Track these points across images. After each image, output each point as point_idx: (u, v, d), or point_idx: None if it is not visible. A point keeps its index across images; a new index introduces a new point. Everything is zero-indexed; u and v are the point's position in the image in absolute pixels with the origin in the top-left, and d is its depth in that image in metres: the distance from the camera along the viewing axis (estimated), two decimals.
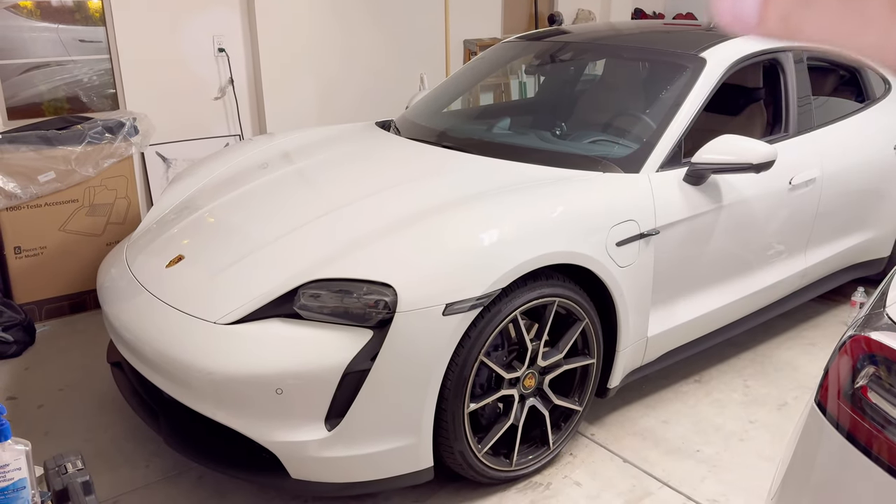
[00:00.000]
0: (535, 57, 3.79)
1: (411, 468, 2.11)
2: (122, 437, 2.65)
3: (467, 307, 2.04)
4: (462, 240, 2.14)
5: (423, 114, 3.45)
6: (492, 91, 5.46)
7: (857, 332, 1.00)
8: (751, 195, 2.80)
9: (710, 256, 2.73)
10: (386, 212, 2.35)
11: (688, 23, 4.04)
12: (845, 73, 3.72)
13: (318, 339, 2.00)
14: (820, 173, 3.07)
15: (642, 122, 2.82)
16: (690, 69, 2.85)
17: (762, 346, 3.32)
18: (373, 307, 1.99)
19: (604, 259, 2.35)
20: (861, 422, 0.98)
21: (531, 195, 2.36)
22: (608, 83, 3.49)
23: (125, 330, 2.31)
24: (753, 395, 2.92)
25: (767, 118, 3.31)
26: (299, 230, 2.36)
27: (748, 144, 2.54)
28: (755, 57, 3.04)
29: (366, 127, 3.43)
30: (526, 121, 3.45)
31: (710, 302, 2.81)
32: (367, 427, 2.02)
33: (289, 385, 1.97)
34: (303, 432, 2.00)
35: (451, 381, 2.08)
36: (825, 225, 3.21)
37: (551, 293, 2.27)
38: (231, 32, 4.49)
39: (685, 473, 2.44)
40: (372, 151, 3.04)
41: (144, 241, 2.70)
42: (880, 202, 3.49)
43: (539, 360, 2.33)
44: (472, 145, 2.93)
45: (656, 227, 2.49)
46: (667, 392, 2.94)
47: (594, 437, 2.63)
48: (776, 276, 3.06)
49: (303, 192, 2.68)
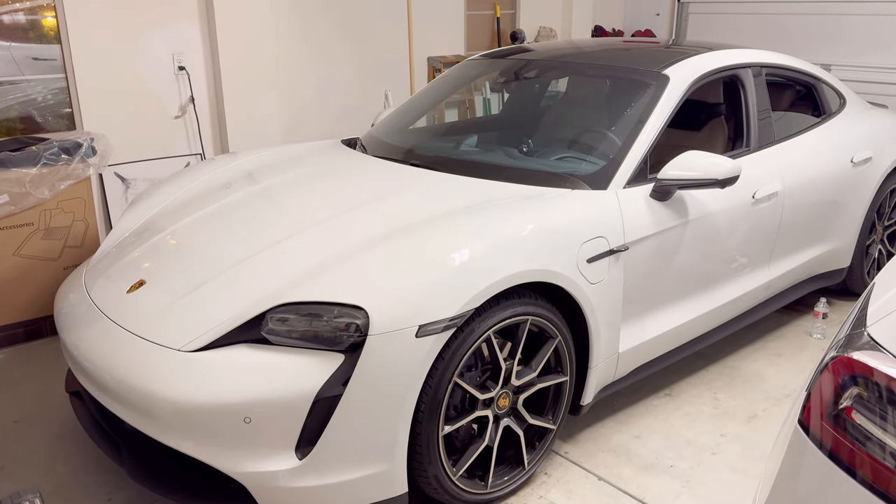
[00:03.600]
0: (499, 74, 3.81)
1: (385, 495, 2.06)
2: (83, 469, 2.55)
3: (441, 328, 2.01)
4: (434, 260, 2.11)
5: (389, 131, 3.43)
6: (457, 108, 5.47)
7: (839, 353, 1.00)
8: (716, 209, 2.83)
9: (677, 270, 2.75)
10: (355, 232, 2.32)
11: (647, 40, 4.11)
12: (802, 88, 3.81)
13: (287, 365, 1.95)
14: (781, 187, 3.13)
15: (608, 138, 2.84)
16: (654, 86, 2.88)
17: (730, 357, 3.36)
18: (344, 330, 1.95)
19: (575, 276, 2.34)
20: (844, 442, 0.98)
21: (501, 213, 2.35)
22: (573, 100, 3.52)
23: (84, 358, 2.22)
24: (723, 407, 2.94)
25: (729, 133, 3.37)
26: (265, 252, 2.31)
27: (713, 160, 2.57)
28: (716, 73, 3.10)
29: (331, 145, 3.39)
30: (493, 138, 3.45)
31: (679, 316, 2.83)
32: (340, 454, 1.96)
33: (257, 413, 1.91)
34: (272, 462, 1.94)
35: (424, 404, 2.05)
36: (787, 237, 3.27)
37: (524, 311, 2.26)
38: (191, 50, 4.42)
39: (660, 489, 2.44)
40: (338, 170, 3.00)
41: (104, 265, 2.62)
42: (840, 214, 3.57)
43: (513, 380, 2.31)
44: (439, 163, 2.92)
45: (625, 243, 2.50)
46: (638, 406, 2.94)
47: (568, 455, 2.62)
48: (741, 288, 3.11)
49: (268, 213, 2.63)
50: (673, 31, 6.77)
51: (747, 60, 3.29)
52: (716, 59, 3.14)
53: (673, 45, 3.51)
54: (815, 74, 3.73)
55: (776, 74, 3.51)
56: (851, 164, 3.54)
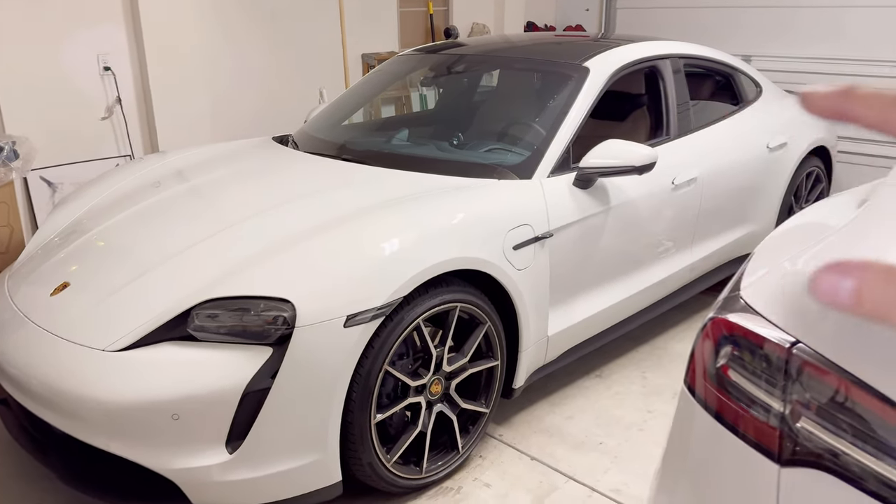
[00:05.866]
0: (431, 69, 3.85)
1: (319, 484, 2.09)
2: (11, 476, 2.49)
3: (369, 317, 2.05)
4: (362, 250, 2.15)
5: (321, 127, 3.44)
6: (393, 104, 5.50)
7: (716, 315, 1.08)
8: (637, 196, 2.94)
9: (602, 255, 2.85)
10: (283, 227, 2.33)
11: (576, 34, 4.22)
12: (720, 77, 3.98)
13: (215, 361, 1.96)
14: (700, 173, 3.27)
15: (533, 130, 2.92)
16: (575, 78, 2.98)
17: (658, 338, 3.49)
18: (271, 323, 1.97)
19: (502, 263, 2.41)
20: (726, 400, 1.06)
21: (428, 204, 2.40)
22: (502, 94, 3.59)
23: (9, 365, 2.18)
24: (651, 385, 3.06)
25: (651, 122, 3.50)
26: (192, 249, 2.30)
27: (630, 148, 2.67)
28: (636, 65, 3.21)
29: (262, 142, 3.39)
30: (425, 132, 3.50)
31: (605, 299, 2.93)
32: (271, 446, 1.98)
33: (186, 410, 1.92)
34: (203, 457, 1.95)
35: (356, 393, 2.08)
36: (708, 221, 3.42)
37: (453, 299, 2.31)
38: (117, 50, 4.33)
39: (589, 466, 2.53)
40: (269, 167, 3.00)
41: (27, 270, 2.56)
42: (758, 198, 3.74)
43: (444, 366, 2.36)
44: (371, 157, 2.95)
45: (550, 230, 2.58)
46: (570, 388, 3.04)
47: (502, 438, 2.69)
48: (666, 271, 3.23)
49: (197, 210, 2.62)
50: (602, 25, 6.95)
51: (666, 52, 3.42)
52: (635, 50, 3.26)
53: (601, 38, 3.61)
54: (731, 64, 3.90)
55: (695, 65, 3.66)
56: (768, 149, 3.72)
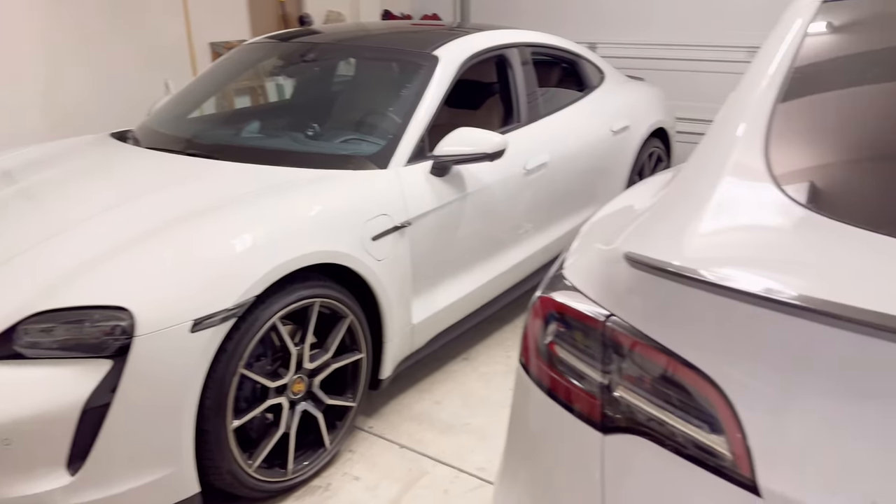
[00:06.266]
0: (281, 58, 3.74)
1: (176, 498, 1.99)
2: None
3: (219, 320, 1.97)
4: (208, 250, 2.05)
5: (165, 121, 3.25)
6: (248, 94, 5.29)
7: (542, 294, 1.12)
8: (492, 182, 3.02)
9: (461, 242, 2.90)
10: (121, 229, 2.18)
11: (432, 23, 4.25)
12: (566, 65, 4.15)
13: (47, 379, 1.80)
14: (550, 157, 3.40)
15: (388, 119, 2.91)
16: (426, 67, 3.00)
17: (520, 319, 3.61)
18: (109, 334, 1.84)
19: (360, 255, 2.39)
20: (555, 376, 1.11)
21: (281, 198, 2.33)
22: (356, 83, 3.55)
23: None
24: (515, 364, 3.17)
25: (503, 110, 3.59)
26: (18, 258, 2.10)
27: (481, 135, 2.73)
28: (485, 53, 3.28)
29: (99, 139, 3.15)
30: (278, 123, 3.39)
31: (467, 284, 2.99)
32: (118, 464, 1.86)
33: (19, 433, 1.76)
34: (41, 483, 1.79)
35: (209, 400, 2.00)
36: (561, 203, 3.57)
37: (311, 294, 2.27)
38: None
39: (457, 448, 2.58)
40: (106, 165, 2.79)
41: None
42: (606, 178, 3.95)
43: (306, 364, 2.32)
44: (220, 151, 2.82)
45: (408, 219, 2.59)
46: (439, 374, 3.08)
47: (372, 430, 2.69)
48: (523, 252, 3.34)
49: (25, 215, 2.39)
50: (457, 14, 7.05)
51: (514, 41, 3.51)
52: (484, 39, 3.33)
53: (457, 28, 3.65)
54: (576, 52, 4.07)
55: (542, 53, 3.79)
56: (612, 132, 3.93)
